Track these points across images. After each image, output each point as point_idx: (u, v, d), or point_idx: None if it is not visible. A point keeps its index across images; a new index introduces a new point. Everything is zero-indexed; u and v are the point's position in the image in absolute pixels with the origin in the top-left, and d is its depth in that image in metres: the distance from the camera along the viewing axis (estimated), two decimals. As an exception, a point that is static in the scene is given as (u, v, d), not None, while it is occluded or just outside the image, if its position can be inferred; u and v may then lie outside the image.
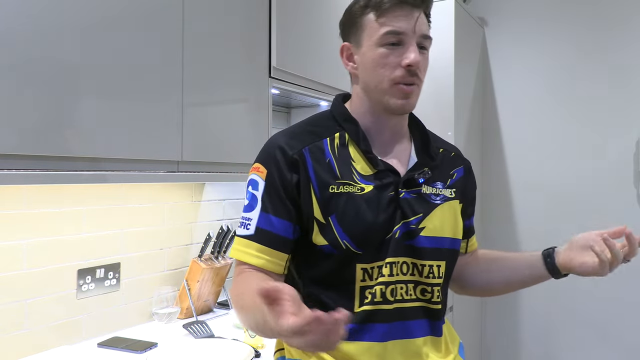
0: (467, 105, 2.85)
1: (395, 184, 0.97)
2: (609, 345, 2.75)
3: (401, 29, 0.93)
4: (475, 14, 3.01)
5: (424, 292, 0.98)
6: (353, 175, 0.96)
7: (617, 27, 2.74)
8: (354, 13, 0.99)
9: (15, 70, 1.07)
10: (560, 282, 1.17)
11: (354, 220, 0.93)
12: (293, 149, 0.96)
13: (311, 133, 1.00)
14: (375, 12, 0.95)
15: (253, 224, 0.95)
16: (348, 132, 1.00)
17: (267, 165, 0.96)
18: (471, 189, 1.13)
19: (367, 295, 0.94)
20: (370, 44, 0.96)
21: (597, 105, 2.80)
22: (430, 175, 1.02)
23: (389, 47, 0.94)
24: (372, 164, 0.98)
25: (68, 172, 1.18)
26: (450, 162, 1.09)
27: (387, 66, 0.94)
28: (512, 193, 3.03)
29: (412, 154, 1.04)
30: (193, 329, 1.62)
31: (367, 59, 0.97)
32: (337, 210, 0.93)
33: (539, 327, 2.94)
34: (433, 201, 1.01)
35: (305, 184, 0.94)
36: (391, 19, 0.93)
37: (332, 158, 0.97)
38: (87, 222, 1.58)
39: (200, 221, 1.99)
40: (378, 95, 0.97)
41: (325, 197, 0.94)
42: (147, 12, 1.35)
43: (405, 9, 0.94)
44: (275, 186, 0.95)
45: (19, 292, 1.41)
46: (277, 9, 1.79)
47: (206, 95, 1.55)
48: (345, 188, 0.95)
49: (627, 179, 2.72)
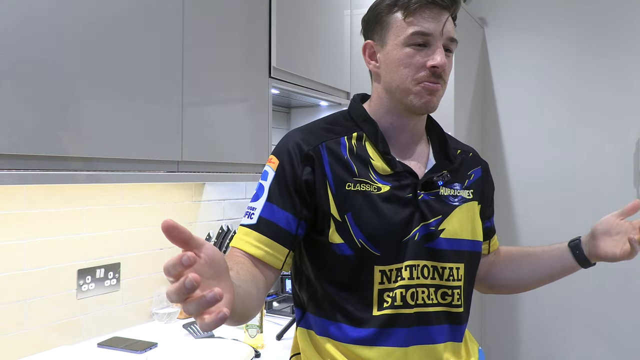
0: (467, 105, 2.85)
1: (413, 186, 0.96)
2: (609, 345, 2.75)
3: (429, 30, 0.92)
4: (475, 14, 3.01)
5: (444, 295, 0.97)
6: (370, 174, 0.95)
7: (618, 28, 2.74)
8: (380, 11, 0.97)
9: (15, 71, 1.06)
10: (560, 282, 1.17)
11: (370, 219, 0.91)
12: (309, 145, 0.94)
13: (329, 131, 0.98)
14: (403, 11, 0.93)
15: (257, 213, 0.92)
16: (366, 133, 0.99)
17: (280, 157, 0.95)
18: (489, 189, 1.12)
19: (386, 299, 0.92)
20: (396, 43, 0.94)
21: (597, 105, 2.80)
22: (449, 178, 1.00)
23: (415, 47, 0.93)
24: (390, 165, 0.96)
25: (68, 172, 1.18)
26: (468, 163, 1.08)
27: (412, 66, 0.93)
28: (512, 193, 3.03)
29: (431, 156, 1.03)
30: (193, 329, 1.62)
31: (392, 57, 0.95)
32: (354, 208, 0.92)
33: (538, 327, 2.94)
34: (451, 203, 0.99)
35: (321, 180, 0.93)
36: (419, 20, 0.92)
37: (349, 156, 0.96)
38: (87, 222, 1.58)
39: (200, 221, 1.99)
40: (400, 94, 0.96)
41: (342, 194, 0.92)
42: (147, 12, 1.35)
43: (434, 10, 0.92)
44: (284, 177, 0.93)
45: (19, 292, 1.41)
46: (277, 9, 1.79)
47: (206, 96, 1.55)
48: (362, 186, 0.93)
49: (627, 179, 2.72)
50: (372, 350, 0.92)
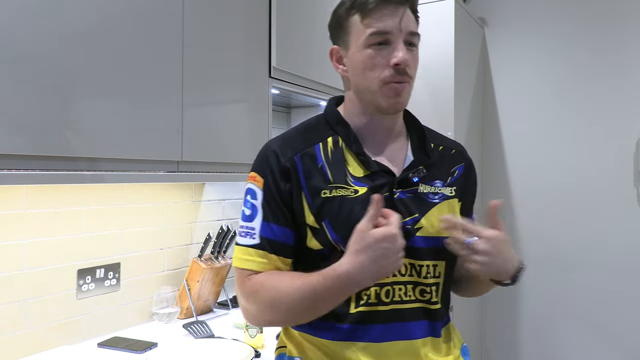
0: (467, 105, 2.85)
1: (389, 185, 0.97)
2: (609, 345, 2.75)
3: (386, 28, 0.93)
4: (475, 14, 3.01)
5: (423, 292, 0.98)
6: (347, 178, 0.96)
7: (617, 27, 2.74)
8: (339, 16, 0.98)
9: (15, 70, 1.07)
10: (559, 282, 1.16)
11: (347, 224, 0.91)
12: (285, 157, 0.96)
13: (304, 139, 1.00)
14: (360, 13, 0.94)
15: (257, 233, 0.96)
16: (340, 135, 1.00)
17: (263, 175, 0.97)
18: (472, 186, 1.11)
19: (362, 296, 0.94)
20: (358, 45, 0.95)
21: (597, 105, 2.80)
22: (425, 173, 1.00)
23: (376, 47, 0.93)
24: (365, 165, 0.97)
25: (67, 172, 1.18)
26: (450, 159, 1.07)
27: (376, 67, 0.94)
28: (512, 192, 3.03)
29: (409, 153, 1.03)
30: (193, 329, 1.62)
31: (356, 61, 0.96)
32: (330, 214, 0.93)
33: (538, 327, 2.94)
34: (431, 200, 0.99)
35: (297, 191, 0.95)
36: (376, 19, 0.93)
37: (325, 163, 0.97)
38: (87, 222, 1.58)
39: (200, 221, 1.99)
40: (369, 96, 0.97)
41: (317, 203, 0.94)
42: (147, 12, 1.35)
43: (390, 7, 0.93)
44: (272, 195, 0.96)
45: (19, 292, 1.41)
46: (277, 9, 1.79)
47: (206, 96, 1.55)
48: (339, 192, 0.95)
49: (627, 179, 2.72)
50: (347, 346, 0.94)
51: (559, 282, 2.82)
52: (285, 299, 0.89)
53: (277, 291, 0.91)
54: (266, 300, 0.92)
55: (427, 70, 2.59)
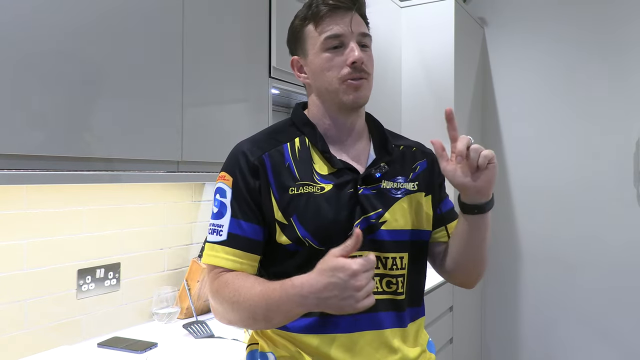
0: (467, 105, 2.85)
1: (354, 182, 1.02)
2: (609, 345, 2.76)
3: (339, 32, 1.01)
4: (475, 14, 3.01)
5: (389, 284, 1.03)
6: (313, 175, 1.02)
7: (617, 27, 2.74)
8: (295, 27, 1.08)
9: (14, 71, 1.07)
10: (560, 282, 1.17)
11: (314, 219, 0.97)
12: (254, 155, 1.01)
13: (272, 139, 1.06)
14: (313, 22, 1.03)
15: (225, 230, 0.99)
16: (307, 135, 1.06)
17: (232, 174, 1.02)
18: (436, 178, 1.13)
19: None
20: (315, 51, 1.03)
21: (597, 105, 2.80)
22: (387, 169, 1.06)
23: (332, 50, 1.01)
24: (330, 163, 1.03)
25: (67, 172, 1.18)
26: (411, 156, 1.13)
27: (334, 68, 1.01)
28: (511, 192, 3.03)
29: (371, 152, 1.09)
30: (193, 329, 1.62)
31: (315, 65, 1.04)
32: (298, 210, 0.98)
33: (538, 326, 2.94)
34: (393, 195, 1.05)
35: (265, 188, 1.00)
36: (328, 25, 1.01)
37: (292, 162, 1.03)
38: (87, 222, 1.58)
39: (200, 221, 1.99)
40: (331, 95, 1.03)
41: (285, 199, 0.99)
42: (147, 12, 1.35)
43: (339, 13, 1.01)
44: (241, 192, 1.00)
45: (19, 292, 1.41)
46: (277, 10, 1.79)
47: (206, 95, 1.55)
48: (306, 189, 1.00)
49: (627, 179, 2.72)
50: (315, 338, 0.98)
51: (559, 282, 2.82)
52: (244, 302, 0.92)
53: (238, 293, 0.93)
54: (229, 300, 0.95)
55: (427, 70, 2.59)
